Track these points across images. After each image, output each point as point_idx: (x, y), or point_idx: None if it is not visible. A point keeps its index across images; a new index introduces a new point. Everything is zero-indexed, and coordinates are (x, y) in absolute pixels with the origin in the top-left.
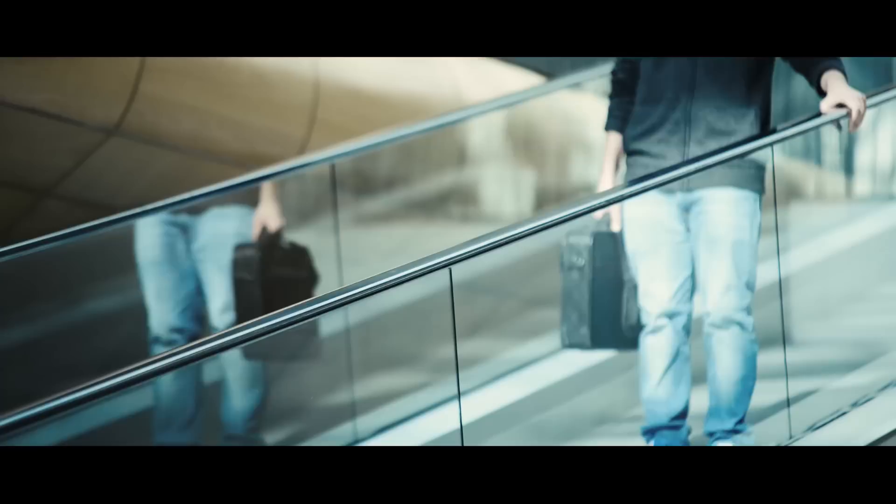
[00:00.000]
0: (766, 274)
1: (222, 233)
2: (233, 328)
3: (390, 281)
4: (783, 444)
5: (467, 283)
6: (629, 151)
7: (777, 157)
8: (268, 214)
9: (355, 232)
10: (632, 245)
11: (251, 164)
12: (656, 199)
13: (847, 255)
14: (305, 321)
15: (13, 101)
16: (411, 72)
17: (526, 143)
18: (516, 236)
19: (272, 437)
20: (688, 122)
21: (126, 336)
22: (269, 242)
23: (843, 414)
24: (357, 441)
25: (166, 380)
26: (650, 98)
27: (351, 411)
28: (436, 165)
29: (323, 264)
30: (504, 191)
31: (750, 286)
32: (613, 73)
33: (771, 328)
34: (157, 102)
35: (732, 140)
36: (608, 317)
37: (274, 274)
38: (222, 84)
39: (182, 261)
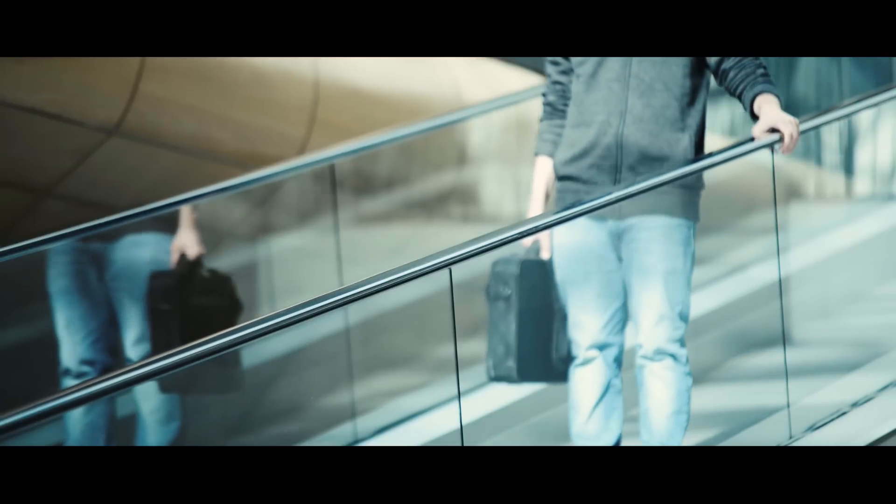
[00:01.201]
0: (767, 274)
1: (137, 260)
2: (234, 328)
3: (390, 281)
4: (783, 444)
5: (467, 283)
6: (559, 177)
7: (777, 157)
8: (186, 241)
9: (355, 232)
10: (561, 274)
11: (251, 164)
12: (586, 226)
13: (847, 255)
14: (288, 326)
15: (13, 101)
16: (411, 72)
17: (526, 143)
18: (516, 236)
19: (271, 438)
20: (620, 148)
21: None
22: (188, 270)
23: (843, 414)
24: (357, 441)
25: (76, 414)
26: (581, 121)
27: (351, 411)
28: (436, 165)
29: (323, 264)
30: (504, 191)
31: (683, 317)
32: (543, 94)
33: (771, 328)
34: (157, 102)
35: (666, 166)
36: (537, 348)
37: (193, 303)
38: (222, 84)
39: (94, 290)
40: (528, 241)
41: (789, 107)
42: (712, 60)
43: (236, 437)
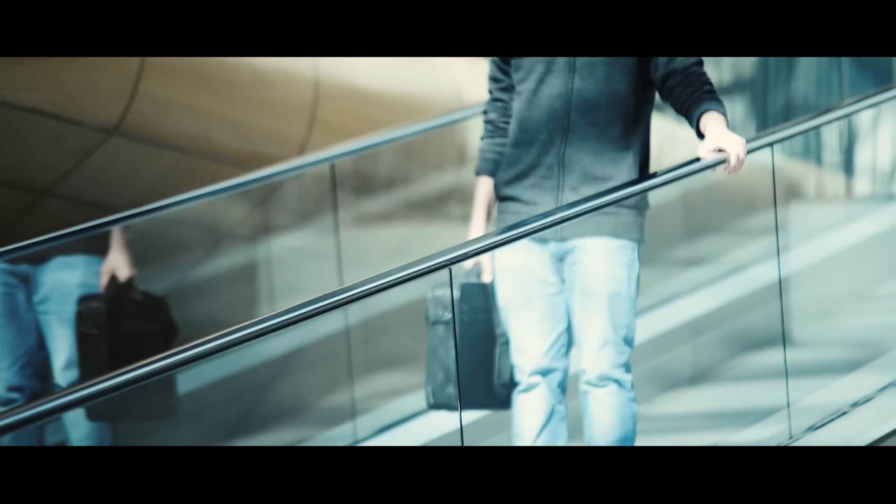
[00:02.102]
0: (767, 274)
1: (66, 283)
2: (233, 328)
3: (390, 281)
4: (783, 444)
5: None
6: (500, 197)
7: (777, 157)
8: (117, 263)
9: (355, 232)
10: (503, 297)
11: (251, 164)
12: (528, 248)
13: (847, 255)
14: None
15: (13, 101)
16: (411, 72)
17: None
18: (515, 236)
19: (271, 439)
20: (562, 167)
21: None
22: (119, 294)
23: (843, 414)
24: (357, 441)
25: None
26: (522, 140)
27: (351, 411)
28: (436, 165)
29: (323, 264)
30: None
31: (628, 341)
32: (484, 112)
33: (771, 328)
34: (157, 102)
35: (609, 186)
36: (479, 374)
37: (123, 327)
38: (222, 84)
39: (22, 313)
40: (468, 263)
41: (789, 105)
42: (657, 76)
43: (236, 438)
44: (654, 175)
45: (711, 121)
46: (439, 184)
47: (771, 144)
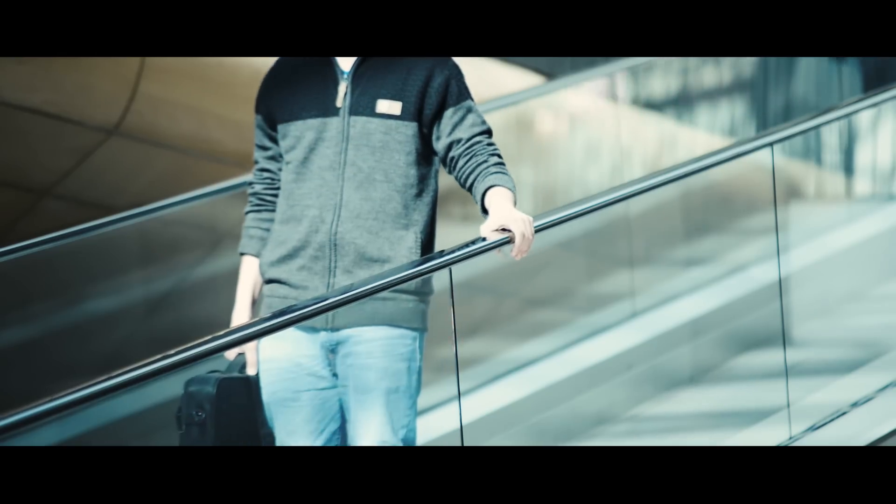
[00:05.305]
0: (767, 274)
1: None
2: (232, 329)
3: (391, 281)
4: (783, 444)
5: (467, 283)
6: (266, 279)
7: (777, 157)
8: None
9: None
10: (268, 393)
11: (251, 164)
12: (296, 337)
13: (847, 255)
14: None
15: (13, 101)
16: None
17: (526, 143)
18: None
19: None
20: (334, 247)
21: (125, 336)
22: None
23: (843, 414)
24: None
25: None
26: (291, 216)
27: None
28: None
29: None
30: None
31: (408, 442)
32: (250, 184)
33: (771, 328)
34: (157, 102)
35: (386, 268)
36: None
37: None
38: (222, 84)
39: None
40: (230, 354)
41: (789, 106)
42: (439, 146)
43: None
44: (440, 254)
45: (497, 198)
46: (439, 183)
47: (771, 144)
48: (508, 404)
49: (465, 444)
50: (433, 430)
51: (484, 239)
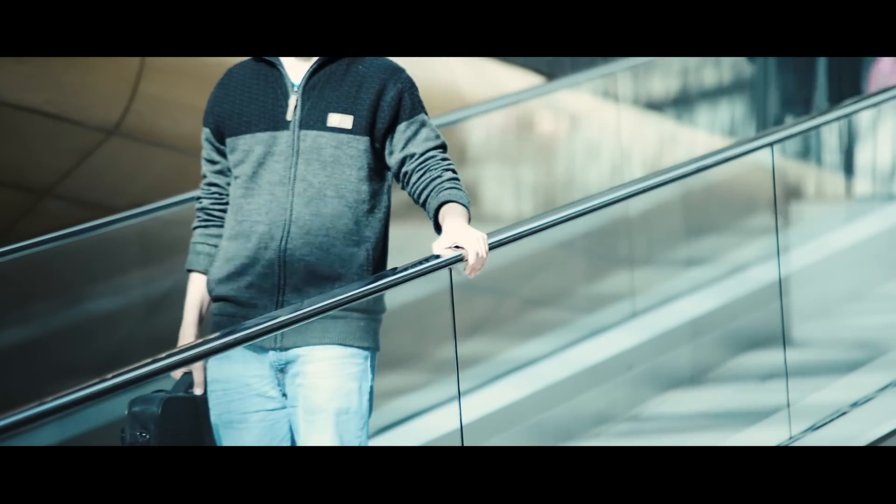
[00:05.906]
0: (767, 274)
1: None
2: (232, 328)
3: (390, 281)
4: (783, 444)
5: (467, 282)
6: (214, 297)
7: (777, 157)
8: None
9: None
10: (215, 414)
11: None
12: (244, 357)
13: (847, 255)
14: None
15: (13, 101)
16: (411, 71)
17: (526, 144)
18: (516, 236)
19: None
20: (283, 264)
21: (125, 336)
22: None
23: (843, 414)
24: None
25: None
26: (239, 232)
27: None
28: None
29: None
30: (504, 191)
31: None
32: (198, 199)
33: (771, 328)
34: (157, 102)
35: (337, 286)
36: None
37: None
38: None
39: None
40: (177, 373)
41: (784, 99)
42: (392, 161)
43: None
44: (393, 272)
45: (451, 214)
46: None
47: (771, 144)
48: (508, 404)
49: (465, 444)
50: (433, 430)
51: (437, 256)
